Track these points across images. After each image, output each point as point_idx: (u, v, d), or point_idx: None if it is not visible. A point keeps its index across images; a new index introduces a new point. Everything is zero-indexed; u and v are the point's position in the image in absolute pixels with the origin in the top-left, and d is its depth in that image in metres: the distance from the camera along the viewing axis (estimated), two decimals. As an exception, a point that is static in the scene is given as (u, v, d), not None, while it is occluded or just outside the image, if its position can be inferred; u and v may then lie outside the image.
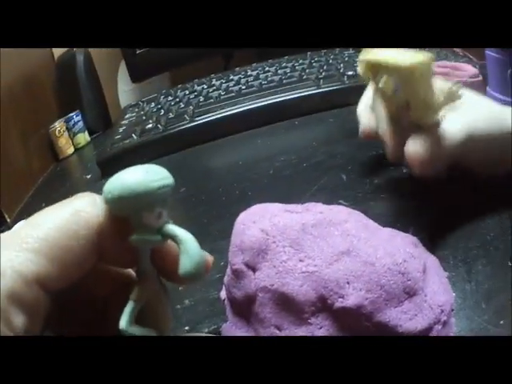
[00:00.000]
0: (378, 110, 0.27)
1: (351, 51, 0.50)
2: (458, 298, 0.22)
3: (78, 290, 0.14)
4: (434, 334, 0.20)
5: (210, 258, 0.14)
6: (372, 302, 0.19)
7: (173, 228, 0.13)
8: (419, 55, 0.23)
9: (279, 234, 0.20)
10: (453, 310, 0.22)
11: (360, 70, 0.26)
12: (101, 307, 0.15)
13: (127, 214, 0.13)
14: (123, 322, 0.13)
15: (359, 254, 0.19)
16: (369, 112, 0.29)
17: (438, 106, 0.24)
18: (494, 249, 0.24)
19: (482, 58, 0.39)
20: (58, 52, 0.58)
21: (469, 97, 0.27)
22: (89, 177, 0.45)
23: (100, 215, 0.13)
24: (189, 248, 0.12)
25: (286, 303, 0.19)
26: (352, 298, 0.19)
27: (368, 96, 0.29)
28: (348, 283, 0.19)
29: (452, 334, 0.21)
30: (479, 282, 0.23)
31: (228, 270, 0.22)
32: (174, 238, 0.13)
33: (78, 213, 0.13)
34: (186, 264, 0.12)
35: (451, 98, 0.24)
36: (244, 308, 0.21)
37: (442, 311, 0.21)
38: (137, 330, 0.13)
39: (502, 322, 0.20)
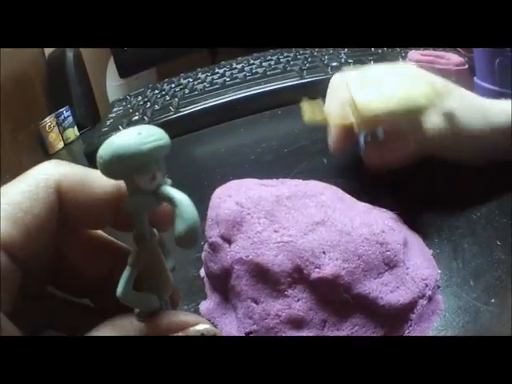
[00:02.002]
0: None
1: (338, 44, 0.50)
2: (444, 275, 0.22)
3: (74, 271, 0.15)
4: (419, 308, 0.20)
5: None
6: (350, 273, 0.18)
7: (169, 190, 0.12)
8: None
9: (254, 206, 0.20)
10: (439, 287, 0.21)
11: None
12: (102, 288, 0.15)
13: (120, 178, 0.12)
14: (120, 289, 0.12)
15: (334, 223, 0.19)
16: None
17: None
18: (480, 228, 0.24)
19: (471, 51, 0.39)
20: (48, 49, 0.59)
21: (454, 93, 0.26)
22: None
23: (61, 176, 0.13)
24: (184, 211, 0.12)
25: (261, 274, 0.19)
26: (328, 267, 0.18)
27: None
28: (324, 253, 0.18)
29: (439, 312, 0.20)
30: (466, 259, 0.22)
31: (205, 245, 0.22)
32: (169, 200, 0.12)
33: (38, 176, 0.13)
34: (179, 228, 0.11)
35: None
36: (221, 282, 0.20)
37: (427, 285, 0.20)
38: (135, 297, 0.13)
39: (493, 300, 0.19)
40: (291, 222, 0.19)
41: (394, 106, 0.22)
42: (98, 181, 0.14)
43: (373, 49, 0.46)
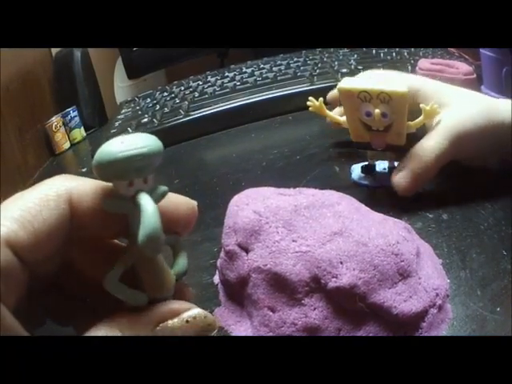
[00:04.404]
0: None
1: (345, 50, 0.50)
2: (453, 284, 0.22)
3: (80, 275, 0.15)
4: (429, 317, 0.20)
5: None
6: (366, 282, 0.19)
7: (141, 197, 0.13)
8: (401, 83, 0.26)
9: (272, 215, 0.20)
10: (448, 296, 0.21)
11: (341, 98, 0.27)
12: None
13: (105, 181, 0.14)
14: (105, 279, 0.13)
15: (352, 234, 0.19)
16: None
17: (415, 125, 0.26)
18: (487, 238, 0.24)
19: (478, 58, 0.40)
20: (55, 48, 0.59)
21: (456, 96, 0.27)
22: (84, 170, 0.45)
23: (72, 188, 0.14)
24: (144, 220, 0.12)
25: (279, 283, 0.19)
26: (345, 277, 0.18)
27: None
28: (341, 263, 0.19)
29: (448, 320, 0.21)
30: (474, 269, 0.23)
31: (221, 253, 0.22)
32: (138, 207, 0.13)
33: (50, 186, 0.14)
34: (140, 235, 0.12)
35: (430, 115, 0.26)
36: (237, 290, 0.21)
37: (437, 295, 0.21)
38: (119, 290, 0.13)
39: (498, 309, 0.20)
40: (309, 231, 0.19)
41: None
42: (109, 192, 0.14)
43: (382, 55, 0.47)
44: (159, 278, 0.14)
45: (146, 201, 0.13)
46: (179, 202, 0.15)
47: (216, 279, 0.24)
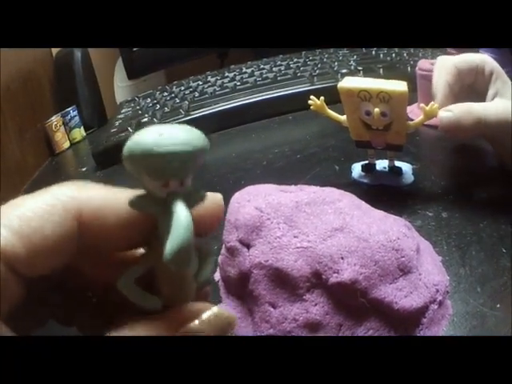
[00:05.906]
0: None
1: (345, 50, 0.51)
2: (453, 281, 0.22)
3: (74, 274, 0.14)
4: (430, 313, 0.20)
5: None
6: (367, 278, 0.19)
7: (176, 204, 0.11)
8: (400, 83, 0.26)
9: (273, 211, 0.20)
10: (448, 293, 0.22)
11: (341, 97, 0.27)
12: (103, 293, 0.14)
13: (134, 174, 0.11)
14: (119, 280, 0.12)
15: (353, 230, 0.19)
16: None
17: (415, 125, 0.26)
18: (487, 236, 0.25)
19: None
20: (56, 48, 0.59)
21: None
22: (84, 169, 0.45)
23: (82, 203, 0.12)
24: (174, 232, 0.11)
25: (280, 279, 0.19)
26: (347, 272, 0.19)
27: None
28: (342, 258, 0.19)
29: (449, 316, 0.21)
30: (473, 266, 0.23)
31: (222, 249, 0.22)
32: (170, 214, 0.11)
33: (58, 196, 0.12)
34: (166, 248, 0.11)
35: (430, 115, 0.26)
36: (238, 287, 0.21)
37: (437, 291, 0.21)
38: (133, 292, 0.12)
39: (498, 305, 0.20)
40: (310, 227, 0.20)
41: None
42: (125, 201, 0.13)
43: (382, 56, 0.47)
44: (179, 284, 0.13)
45: (180, 210, 0.11)
46: (207, 199, 0.13)
47: (216, 276, 0.24)
